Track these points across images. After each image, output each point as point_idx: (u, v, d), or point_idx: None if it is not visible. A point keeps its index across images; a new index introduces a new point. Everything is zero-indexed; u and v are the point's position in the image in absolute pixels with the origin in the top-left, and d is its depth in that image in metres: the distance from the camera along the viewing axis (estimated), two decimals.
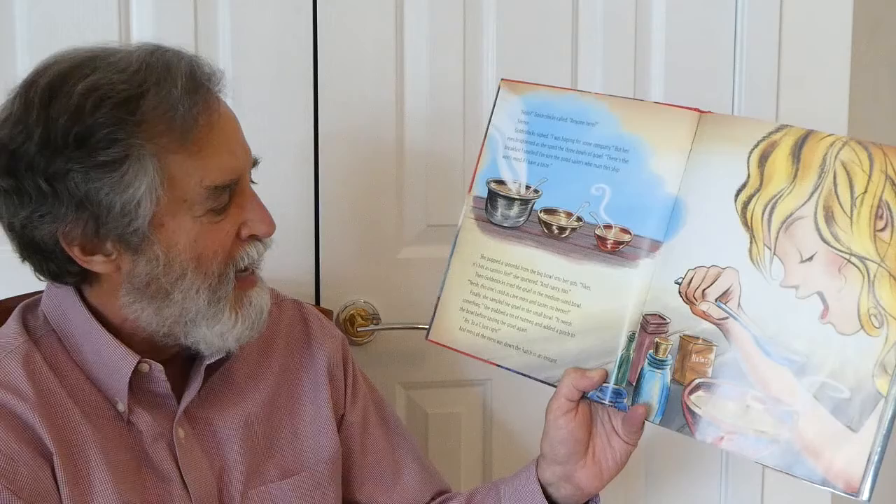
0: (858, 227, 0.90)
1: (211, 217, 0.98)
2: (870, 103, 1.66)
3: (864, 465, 0.87)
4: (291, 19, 1.41)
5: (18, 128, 0.95)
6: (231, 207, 1.00)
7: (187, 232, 0.97)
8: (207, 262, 0.98)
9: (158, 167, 0.94)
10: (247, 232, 1.01)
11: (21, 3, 1.33)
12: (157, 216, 0.96)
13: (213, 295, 0.99)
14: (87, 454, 0.97)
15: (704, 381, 0.96)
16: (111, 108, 0.93)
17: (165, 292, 0.98)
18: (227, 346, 1.02)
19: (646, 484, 1.59)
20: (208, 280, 0.99)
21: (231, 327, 1.01)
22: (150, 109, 0.94)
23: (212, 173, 0.97)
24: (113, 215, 0.95)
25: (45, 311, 1.04)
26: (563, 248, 1.06)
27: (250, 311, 1.02)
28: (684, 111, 1.01)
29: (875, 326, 0.88)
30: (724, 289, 0.96)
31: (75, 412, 0.98)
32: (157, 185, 0.95)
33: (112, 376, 1.00)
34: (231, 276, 1.00)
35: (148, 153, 0.94)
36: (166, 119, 0.94)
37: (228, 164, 0.98)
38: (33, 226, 0.97)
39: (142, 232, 0.96)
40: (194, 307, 0.99)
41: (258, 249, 1.03)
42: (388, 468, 1.20)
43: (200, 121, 0.96)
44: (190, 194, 0.96)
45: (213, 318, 1.00)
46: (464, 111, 1.48)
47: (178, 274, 0.98)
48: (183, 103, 0.95)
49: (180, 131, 0.95)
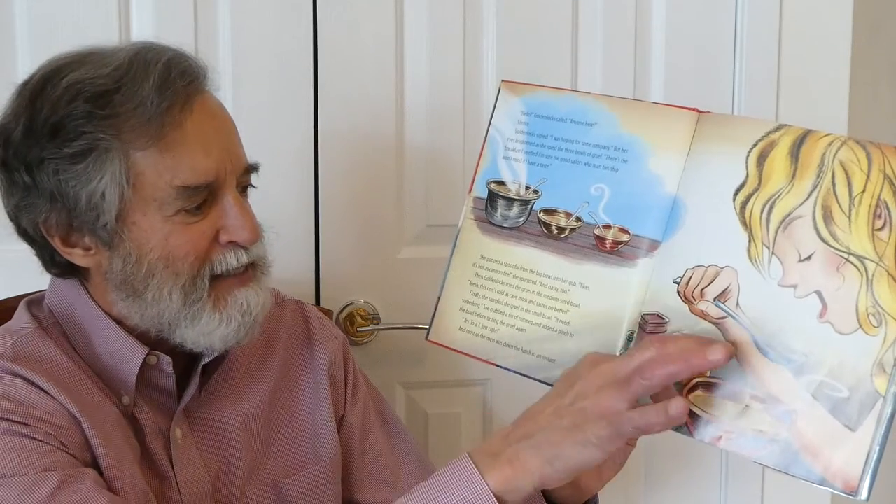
0: (857, 226, 0.90)
1: (184, 217, 0.97)
2: (870, 103, 1.66)
3: (863, 465, 0.87)
4: (291, 19, 1.41)
5: (9, 118, 0.98)
6: (210, 209, 0.98)
7: (158, 231, 0.97)
8: (178, 263, 0.97)
9: (124, 162, 0.94)
10: (226, 237, 0.99)
11: (21, 3, 1.33)
12: (126, 212, 0.96)
13: (188, 297, 0.98)
14: (111, 431, 0.98)
15: (703, 381, 0.96)
16: (84, 101, 0.94)
17: (139, 292, 0.98)
18: (214, 346, 1.01)
19: (645, 484, 1.59)
20: (180, 280, 0.97)
21: (215, 327, 0.99)
22: (120, 104, 0.94)
23: (183, 173, 0.96)
24: (80, 208, 0.96)
25: (49, 305, 1.04)
26: (562, 248, 1.06)
27: (234, 311, 1.00)
28: (683, 111, 1.01)
29: (873, 325, 0.88)
30: (723, 288, 0.96)
31: (95, 392, 0.99)
32: (123, 181, 0.94)
33: (120, 368, 1.01)
34: (205, 279, 0.98)
35: (114, 147, 0.94)
36: (135, 115, 0.94)
37: (202, 165, 0.97)
38: (21, 214, 1.00)
39: (111, 227, 0.96)
40: (168, 308, 0.98)
41: (238, 257, 1.00)
42: (388, 468, 1.20)
43: (167, 118, 0.95)
44: (160, 193, 0.96)
45: (192, 318, 0.98)
46: (464, 111, 1.48)
47: (148, 273, 0.97)
48: (152, 100, 0.94)
49: (149, 128, 0.94)
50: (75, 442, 0.94)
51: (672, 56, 1.54)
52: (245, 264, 1.00)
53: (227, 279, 1.00)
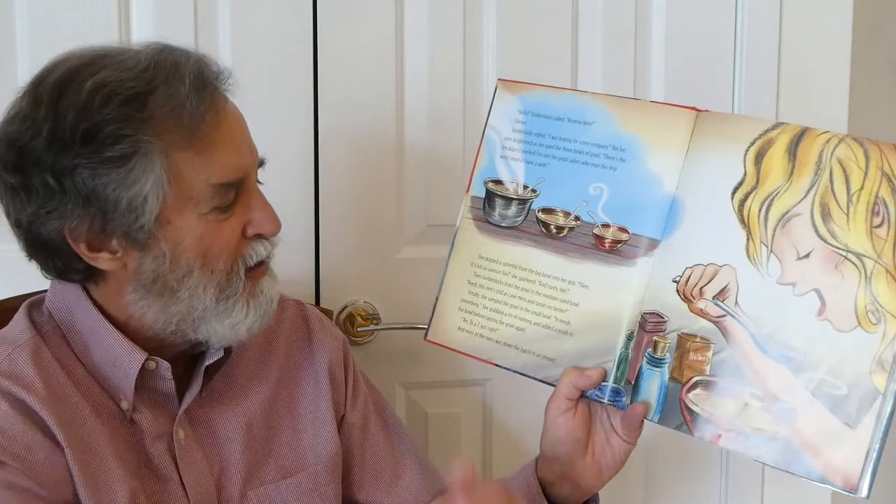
0: (855, 223, 0.90)
1: (217, 215, 0.98)
2: (870, 103, 1.66)
3: (863, 462, 0.87)
4: (291, 19, 1.41)
5: (27, 124, 0.95)
6: (237, 206, 1.00)
7: (193, 229, 0.97)
8: (213, 260, 0.99)
9: (165, 164, 0.95)
10: (252, 231, 1.01)
11: (21, 3, 1.33)
12: (163, 213, 0.96)
13: (222, 292, 0.99)
14: (97, 447, 0.98)
15: (702, 379, 0.96)
16: (119, 105, 0.93)
17: (172, 290, 0.98)
18: (239, 337, 1.02)
19: (645, 483, 1.59)
20: (216, 278, 0.99)
21: (243, 318, 1.01)
22: (158, 106, 0.94)
23: (218, 171, 0.97)
24: (119, 211, 0.95)
25: (49, 308, 1.04)
26: (561, 248, 1.06)
27: (262, 300, 1.02)
28: (681, 110, 1.02)
29: (872, 323, 0.88)
30: (722, 286, 0.96)
31: (84, 406, 0.99)
32: (164, 182, 0.95)
33: (118, 373, 1.01)
34: (241, 273, 1.01)
35: (155, 149, 0.94)
36: (174, 116, 0.95)
37: (235, 163, 0.99)
38: (40, 222, 0.97)
39: (148, 229, 0.96)
40: (201, 304, 0.99)
41: (265, 247, 1.03)
42: (388, 469, 1.20)
43: (208, 119, 0.96)
44: (196, 192, 0.97)
45: (223, 313, 1.00)
46: (464, 111, 1.48)
47: (185, 271, 0.98)
48: (191, 101, 0.95)
49: (188, 129, 0.95)
50: (51, 478, 0.95)
51: (672, 56, 1.53)
52: (270, 253, 1.04)
53: (255, 270, 1.02)
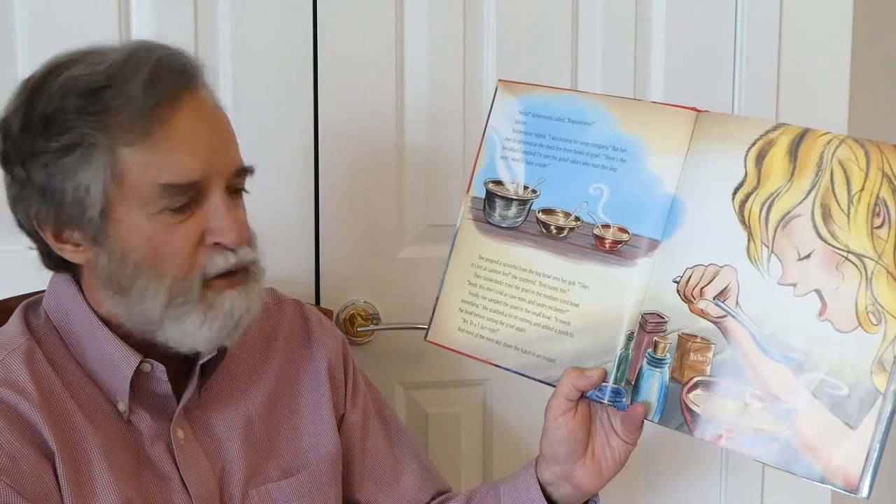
0: (856, 224, 0.90)
1: (169, 217, 0.96)
2: (870, 103, 1.66)
3: (863, 462, 0.87)
4: (291, 19, 1.41)
5: (10, 113, 0.98)
6: (195, 210, 0.97)
7: (142, 229, 0.96)
8: (163, 264, 0.96)
9: (110, 158, 0.94)
10: (211, 239, 0.98)
11: (21, 3, 1.33)
12: (110, 209, 0.95)
13: (173, 299, 0.97)
14: (88, 454, 0.97)
15: (703, 380, 0.96)
16: (76, 97, 0.94)
17: (124, 289, 0.97)
18: (197, 346, 0.99)
19: (645, 484, 1.59)
20: (165, 281, 0.96)
21: (198, 328, 0.98)
22: (109, 101, 0.94)
23: (168, 171, 0.95)
24: (67, 202, 0.96)
25: (47, 310, 1.04)
26: (561, 248, 1.06)
27: (218, 313, 0.98)
28: (681, 110, 1.01)
29: (873, 324, 0.88)
30: (722, 287, 0.96)
31: (77, 412, 0.99)
32: (107, 176, 0.94)
33: (114, 376, 1.00)
34: (195, 281, 0.97)
35: (100, 143, 0.94)
36: (124, 112, 0.94)
37: (188, 164, 0.96)
38: (17, 208, 1.00)
39: (96, 223, 0.96)
40: (151, 307, 0.97)
41: (226, 258, 0.98)
42: (388, 468, 1.20)
43: (156, 115, 0.94)
44: (144, 190, 0.95)
45: (176, 319, 0.97)
46: (464, 111, 1.48)
47: (133, 271, 0.96)
48: (140, 97, 0.94)
49: (137, 125, 0.94)
50: (35, 489, 0.94)
51: (672, 56, 1.53)
52: (234, 265, 0.99)
53: (216, 280, 0.99)
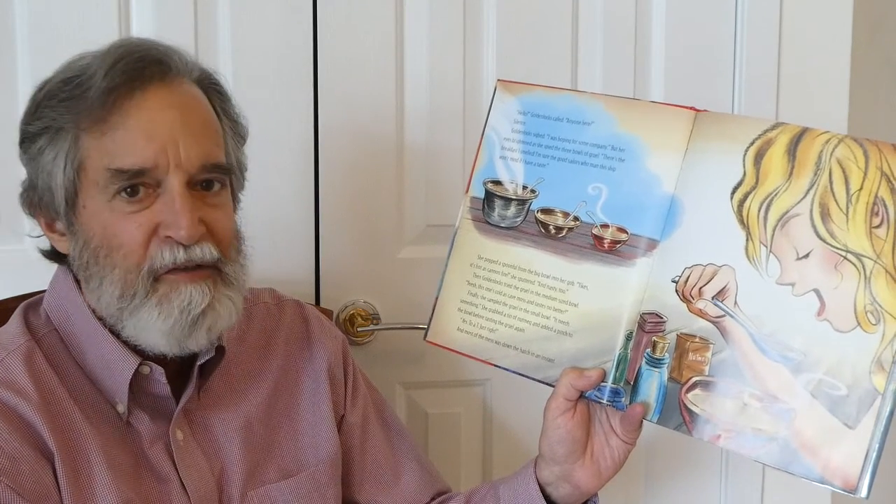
0: (854, 223, 0.90)
1: (123, 205, 0.96)
2: (870, 103, 1.66)
3: (862, 462, 0.87)
4: (291, 19, 1.41)
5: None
6: (153, 202, 0.97)
7: (99, 217, 0.97)
8: (114, 253, 0.96)
9: (73, 144, 0.96)
10: (163, 232, 0.97)
11: (21, 3, 1.33)
12: (76, 196, 0.97)
13: (125, 289, 0.96)
14: (87, 455, 0.98)
15: (701, 380, 0.96)
16: (52, 86, 0.98)
17: (87, 279, 0.98)
18: (157, 343, 0.98)
19: (645, 484, 1.59)
20: (117, 272, 0.96)
21: (153, 321, 0.96)
22: (75, 88, 0.96)
23: (118, 157, 0.95)
24: (41, 188, 0.99)
25: (47, 311, 1.04)
26: (560, 248, 1.06)
27: (174, 307, 0.96)
28: (680, 110, 1.01)
29: (871, 323, 0.88)
30: (721, 287, 0.96)
31: (76, 413, 0.99)
32: (69, 162, 0.96)
33: (113, 377, 1.00)
34: (143, 273, 0.96)
35: (65, 128, 0.96)
36: (85, 97, 0.96)
37: (140, 151, 0.95)
38: (21, 195, 1.04)
39: (64, 210, 0.98)
40: (108, 298, 0.97)
41: (173, 252, 0.96)
42: (387, 469, 1.20)
43: (113, 101, 0.95)
44: (99, 176, 0.96)
45: (132, 312, 0.97)
46: (464, 111, 1.48)
47: (93, 260, 0.97)
48: (99, 83, 0.95)
49: (94, 109, 0.95)
50: (35, 490, 0.94)
51: (672, 56, 1.53)
52: (185, 261, 0.96)
53: (170, 274, 0.97)
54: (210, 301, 0.97)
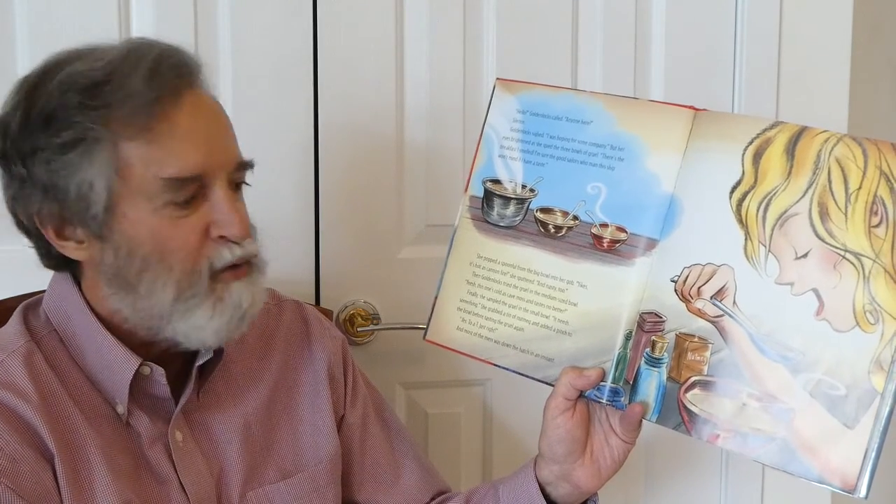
0: (853, 223, 0.90)
1: (173, 211, 0.96)
2: (870, 103, 1.66)
3: (861, 462, 0.87)
4: (291, 19, 1.41)
5: (9, 110, 0.99)
6: (199, 204, 0.98)
7: (146, 224, 0.96)
8: (170, 257, 0.96)
9: (114, 153, 0.94)
10: (216, 232, 0.98)
11: (21, 3, 1.33)
12: (115, 204, 0.96)
13: (182, 292, 0.97)
14: (87, 456, 0.98)
15: (700, 379, 0.96)
16: (76, 93, 0.95)
17: (132, 285, 0.97)
18: (207, 340, 0.99)
19: (645, 484, 1.59)
20: (174, 275, 0.97)
21: (207, 321, 0.98)
22: (110, 95, 0.94)
23: (169, 165, 0.95)
24: (71, 199, 0.96)
25: (46, 311, 1.04)
26: (559, 247, 1.06)
27: (227, 305, 0.98)
28: (679, 109, 1.01)
29: (870, 323, 0.88)
30: (720, 286, 0.96)
31: (76, 414, 0.99)
32: (111, 171, 0.95)
33: (113, 378, 1.00)
34: (203, 274, 0.97)
35: (104, 138, 0.94)
36: (125, 106, 0.94)
37: (190, 158, 0.96)
38: (17, 206, 1.00)
39: (101, 219, 0.96)
40: (160, 301, 0.97)
41: (231, 251, 0.98)
42: (387, 469, 1.20)
43: (157, 109, 0.95)
44: (147, 185, 0.95)
45: (185, 312, 0.97)
46: (464, 111, 1.48)
47: (140, 267, 0.97)
48: (142, 91, 0.94)
49: (138, 118, 0.94)
50: (35, 491, 0.94)
51: (672, 56, 1.53)
52: (239, 258, 0.99)
53: (223, 273, 0.99)
54: (253, 296, 1.01)
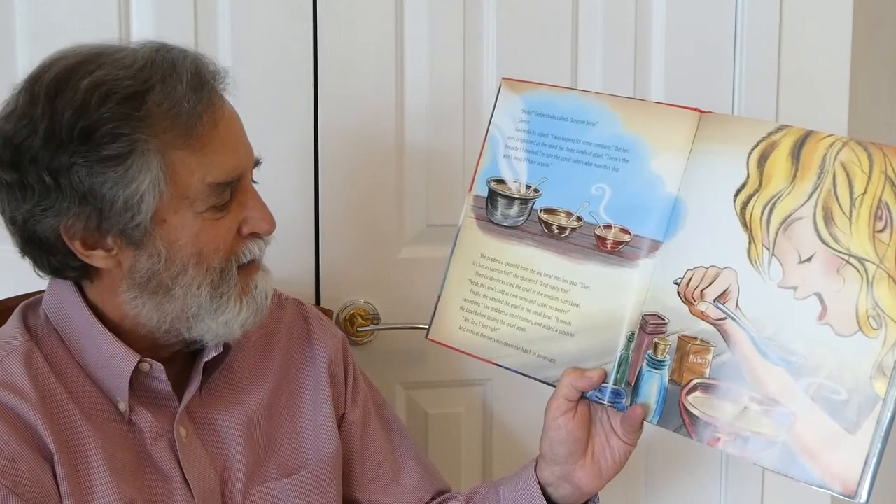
0: (857, 227, 0.90)
1: (212, 213, 0.99)
2: (870, 103, 1.66)
3: (862, 468, 0.87)
4: (291, 19, 1.41)
5: (23, 122, 0.95)
6: (233, 205, 1.00)
7: (189, 228, 0.98)
8: (209, 258, 0.99)
9: (162, 162, 0.95)
10: (248, 229, 1.02)
11: (21, 3, 1.33)
12: (159, 211, 0.96)
13: (216, 290, 1.00)
14: (87, 455, 0.98)
15: (702, 382, 0.96)
16: (116, 104, 0.93)
17: (167, 288, 0.99)
18: (233, 333, 1.02)
19: (645, 485, 1.59)
20: (210, 276, 0.99)
21: (236, 314, 1.02)
22: (155, 105, 0.94)
23: (215, 170, 0.97)
24: (116, 210, 0.95)
25: (46, 310, 1.04)
26: (562, 248, 1.06)
27: (256, 295, 1.03)
28: (685, 111, 1.01)
29: (873, 328, 0.88)
30: (723, 289, 0.96)
31: (76, 412, 0.99)
32: (161, 181, 0.95)
33: (112, 375, 1.01)
34: (234, 271, 1.01)
35: (152, 148, 0.94)
36: (171, 115, 0.95)
37: (231, 162, 0.99)
38: (36, 220, 0.97)
39: (144, 227, 0.96)
40: (195, 302, 1.00)
41: (259, 246, 1.03)
42: (388, 468, 1.20)
43: (205, 118, 0.96)
44: (192, 190, 0.97)
45: (216, 310, 1.00)
46: (464, 111, 1.48)
47: (180, 269, 0.98)
48: (188, 100, 0.95)
49: (185, 128, 0.95)
50: (34, 490, 0.94)
51: (672, 56, 1.53)
52: (263, 251, 1.04)
53: (247, 267, 1.03)
54: (269, 285, 1.06)
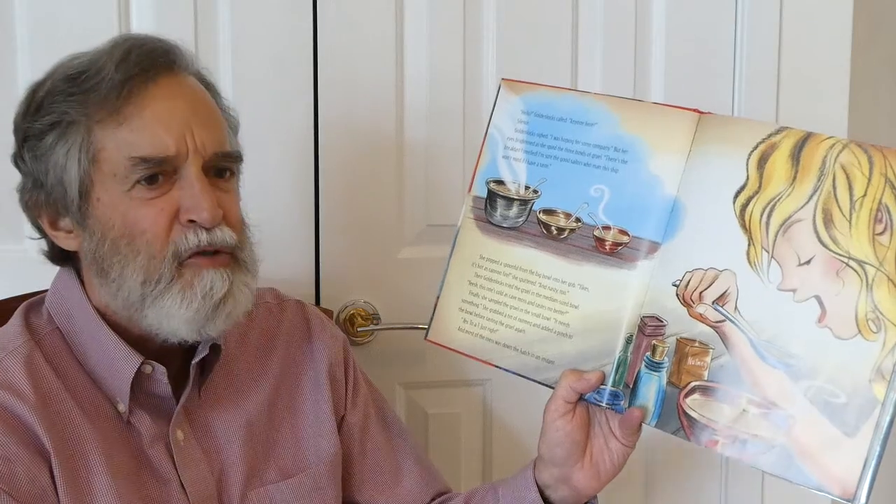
0: (857, 230, 0.90)
1: (142, 193, 0.97)
2: (870, 103, 1.66)
3: (860, 471, 0.87)
4: (291, 17, 1.41)
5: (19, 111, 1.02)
6: (169, 187, 0.98)
7: (118, 207, 0.97)
8: (137, 241, 0.97)
9: (87, 137, 0.97)
10: (185, 216, 0.98)
11: (21, 3, 1.33)
12: (90, 189, 0.98)
13: (149, 276, 0.97)
14: (86, 456, 0.97)
15: (700, 385, 0.96)
16: (60, 81, 0.99)
17: (106, 272, 0.98)
18: (178, 330, 0.98)
19: (645, 486, 1.59)
20: (140, 259, 0.97)
21: (177, 309, 0.97)
22: (85, 81, 0.97)
23: (139, 146, 0.97)
24: (50, 184, 0.99)
25: (49, 310, 1.04)
26: (561, 249, 1.05)
27: (197, 292, 0.97)
28: (684, 112, 1.01)
29: (872, 331, 0.88)
30: (722, 291, 0.95)
31: (76, 413, 0.98)
32: (84, 154, 0.97)
33: (114, 376, 1.00)
34: (168, 258, 0.97)
35: (76, 121, 0.97)
36: (97, 89, 0.97)
37: (160, 140, 0.97)
38: (21, 200, 1.03)
39: (77, 204, 0.98)
40: (128, 287, 0.97)
41: (198, 235, 0.98)
42: (388, 469, 1.20)
43: (127, 91, 0.97)
44: (118, 167, 0.97)
45: (155, 299, 0.97)
46: (464, 110, 1.48)
47: (112, 251, 0.97)
48: (111, 74, 0.97)
49: (108, 101, 0.96)
50: (30, 491, 0.94)
51: (672, 56, 1.53)
52: (208, 244, 0.98)
53: (194, 259, 0.98)
54: (230, 287, 0.99)
